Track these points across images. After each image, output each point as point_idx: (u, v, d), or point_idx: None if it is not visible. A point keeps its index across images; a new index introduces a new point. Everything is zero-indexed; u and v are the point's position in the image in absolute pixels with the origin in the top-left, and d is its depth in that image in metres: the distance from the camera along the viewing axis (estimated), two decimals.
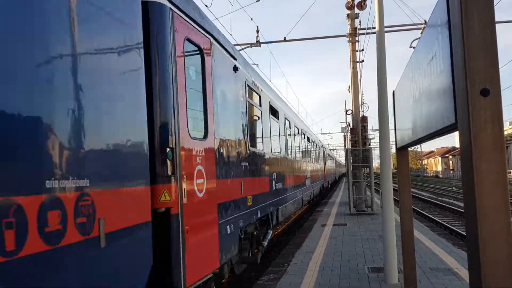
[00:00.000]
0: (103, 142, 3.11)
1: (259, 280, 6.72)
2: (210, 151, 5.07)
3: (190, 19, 4.74)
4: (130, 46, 3.52)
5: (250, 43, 17.29)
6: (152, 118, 3.90)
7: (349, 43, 16.42)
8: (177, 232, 4.02)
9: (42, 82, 2.57)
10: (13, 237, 2.24)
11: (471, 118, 1.77)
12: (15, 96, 2.38)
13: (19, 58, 2.42)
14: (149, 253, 3.64)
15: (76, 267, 2.72)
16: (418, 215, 19.09)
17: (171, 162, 4.00)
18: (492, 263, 1.73)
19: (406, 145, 4.18)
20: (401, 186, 4.66)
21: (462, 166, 1.92)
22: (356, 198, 15.95)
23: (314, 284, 6.26)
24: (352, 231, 11.35)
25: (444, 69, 2.14)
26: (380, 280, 6.38)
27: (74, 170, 2.75)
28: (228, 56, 6.29)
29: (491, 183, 1.75)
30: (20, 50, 2.43)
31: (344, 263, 7.62)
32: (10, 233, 2.22)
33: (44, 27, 2.61)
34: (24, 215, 2.32)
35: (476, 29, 1.79)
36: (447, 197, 29.87)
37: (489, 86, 1.77)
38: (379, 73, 6.27)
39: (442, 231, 13.23)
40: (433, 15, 2.40)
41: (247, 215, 6.76)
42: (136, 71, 3.60)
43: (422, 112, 2.97)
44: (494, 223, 1.74)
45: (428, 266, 7.14)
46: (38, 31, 2.56)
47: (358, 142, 15.78)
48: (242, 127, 6.70)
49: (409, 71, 3.57)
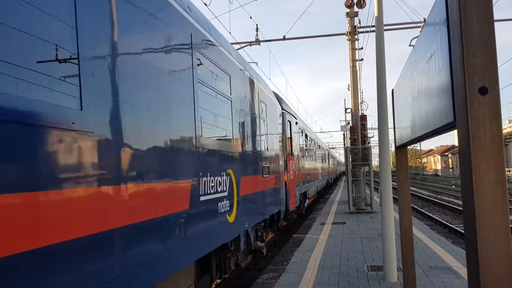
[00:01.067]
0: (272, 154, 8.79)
1: (258, 279, 6.73)
2: (293, 160, 12.15)
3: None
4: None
5: (249, 42, 17.27)
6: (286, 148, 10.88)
7: (349, 42, 16.41)
8: (287, 191, 10.71)
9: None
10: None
11: (469, 116, 1.77)
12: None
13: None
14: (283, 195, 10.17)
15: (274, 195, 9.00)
16: (418, 213, 19.11)
17: (285, 164, 10.75)
18: (490, 261, 1.73)
19: (405, 143, 4.18)
20: (400, 184, 4.66)
21: (461, 164, 1.91)
22: (356, 196, 15.96)
23: (313, 283, 6.27)
24: (352, 230, 11.36)
25: (443, 67, 2.13)
26: (379, 278, 6.39)
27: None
28: (292, 117, 12.90)
29: (489, 181, 1.75)
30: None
31: (343, 261, 7.63)
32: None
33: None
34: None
35: (474, 27, 1.78)
36: (447, 196, 29.89)
37: (488, 84, 1.76)
38: (378, 71, 6.27)
39: (441, 230, 13.26)
40: (432, 13, 2.40)
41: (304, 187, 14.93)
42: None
43: (421, 110, 2.97)
44: (493, 221, 1.74)
45: (427, 264, 7.15)
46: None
47: (358, 141, 15.78)
48: (302, 150, 15.21)
49: (408, 70, 3.56)
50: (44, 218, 2.26)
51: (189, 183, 4.24)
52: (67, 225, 2.42)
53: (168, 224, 3.73)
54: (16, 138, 2.15)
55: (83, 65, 2.67)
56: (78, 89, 2.62)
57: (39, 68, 2.34)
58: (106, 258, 2.80)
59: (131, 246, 3.10)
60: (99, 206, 2.74)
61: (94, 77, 2.78)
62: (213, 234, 4.95)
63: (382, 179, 6.40)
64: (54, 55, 2.47)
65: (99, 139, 2.78)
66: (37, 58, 2.34)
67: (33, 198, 2.20)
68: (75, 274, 2.47)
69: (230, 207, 5.57)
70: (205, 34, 5.09)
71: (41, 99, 2.33)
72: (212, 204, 4.89)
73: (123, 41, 3.15)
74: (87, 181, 2.63)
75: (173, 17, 4.10)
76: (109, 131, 2.88)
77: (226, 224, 5.40)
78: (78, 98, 2.62)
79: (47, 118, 2.34)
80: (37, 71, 2.32)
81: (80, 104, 2.63)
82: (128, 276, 3.01)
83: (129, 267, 3.04)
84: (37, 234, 2.20)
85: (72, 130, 2.52)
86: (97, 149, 2.74)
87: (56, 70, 2.51)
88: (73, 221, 2.48)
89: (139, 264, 3.19)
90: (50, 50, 2.44)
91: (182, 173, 4.09)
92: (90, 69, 2.76)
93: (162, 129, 3.70)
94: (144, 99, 3.39)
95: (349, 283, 6.19)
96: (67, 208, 2.44)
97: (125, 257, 3.02)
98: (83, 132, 2.62)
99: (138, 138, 3.28)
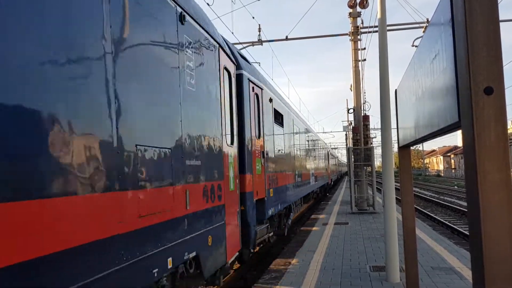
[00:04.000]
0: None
1: (260, 279, 6.72)
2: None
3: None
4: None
5: (252, 42, 17.27)
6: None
7: (351, 42, 16.39)
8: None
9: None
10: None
11: (474, 117, 1.76)
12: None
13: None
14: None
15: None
16: (420, 214, 19.07)
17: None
18: (495, 262, 1.73)
19: (408, 144, 4.17)
20: (403, 185, 4.65)
21: (465, 164, 1.91)
22: (358, 197, 15.94)
23: (315, 283, 6.26)
24: (354, 230, 11.34)
25: (447, 67, 2.13)
26: (382, 279, 6.37)
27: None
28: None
29: (494, 181, 1.75)
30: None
31: (345, 262, 7.62)
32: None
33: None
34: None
35: (479, 27, 1.78)
36: (449, 196, 29.82)
37: (493, 84, 1.76)
38: (381, 71, 6.26)
39: (444, 230, 13.22)
40: (436, 13, 2.39)
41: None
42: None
43: (425, 110, 2.96)
44: (497, 222, 1.73)
45: (430, 265, 7.14)
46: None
47: (360, 141, 15.76)
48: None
49: (412, 70, 3.56)
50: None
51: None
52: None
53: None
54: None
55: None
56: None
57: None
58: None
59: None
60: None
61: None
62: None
63: (385, 180, 6.39)
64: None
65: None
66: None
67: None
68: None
69: None
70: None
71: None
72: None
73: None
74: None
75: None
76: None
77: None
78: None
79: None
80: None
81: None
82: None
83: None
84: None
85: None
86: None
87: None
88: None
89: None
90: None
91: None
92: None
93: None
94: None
95: (352, 284, 6.18)
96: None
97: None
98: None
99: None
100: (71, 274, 2.62)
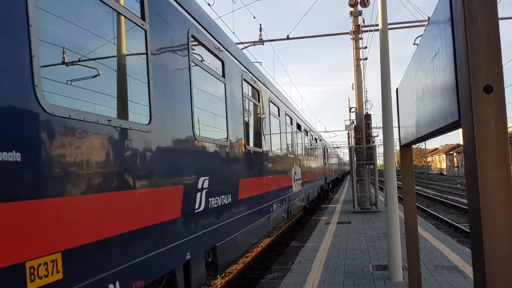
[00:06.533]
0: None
1: (263, 279, 6.73)
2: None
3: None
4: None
5: (253, 41, 17.28)
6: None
7: (353, 41, 16.37)
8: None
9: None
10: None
11: (474, 115, 1.77)
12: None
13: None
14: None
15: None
16: (423, 212, 19.05)
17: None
18: (496, 260, 1.73)
19: (410, 142, 4.17)
20: (405, 183, 4.65)
21: (466, 163, 1.91)
22: (360, 196, 15.93)
23: (318, 282, 6.26)
24: (356, 229, 11.34)
25: (447, 66, 2.13)
26: (384, 278, 6.37)
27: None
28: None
29: (494, 179, 1.75)
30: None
31: (348, 261, 7.62)
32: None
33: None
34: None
35: (479, 26, 1.78)
36: (452, 195, 29.76)
37: (493, 82, 1.76)
38: (382, 70, 6.25)
39: (446, 229, 13.20)
40: (435, 12, 2.40)
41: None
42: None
43: (426, 109, 2.96)
44: (498, 220, 1.74)
45: (432, 263, 7.13)
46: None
47: (362, 140, 15.75)
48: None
49: (412, 69, 3.56)
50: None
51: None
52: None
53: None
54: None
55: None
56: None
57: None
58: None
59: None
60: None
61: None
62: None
63: (387, 178, 6.38)
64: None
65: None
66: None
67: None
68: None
69: None
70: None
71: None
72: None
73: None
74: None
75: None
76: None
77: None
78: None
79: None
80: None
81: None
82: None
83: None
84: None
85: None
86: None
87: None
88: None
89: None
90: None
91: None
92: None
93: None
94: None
95: (354, 283, 6.18)
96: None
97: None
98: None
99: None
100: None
